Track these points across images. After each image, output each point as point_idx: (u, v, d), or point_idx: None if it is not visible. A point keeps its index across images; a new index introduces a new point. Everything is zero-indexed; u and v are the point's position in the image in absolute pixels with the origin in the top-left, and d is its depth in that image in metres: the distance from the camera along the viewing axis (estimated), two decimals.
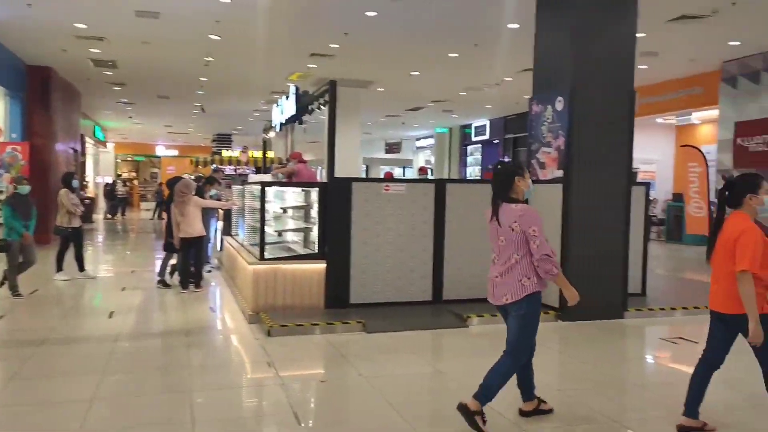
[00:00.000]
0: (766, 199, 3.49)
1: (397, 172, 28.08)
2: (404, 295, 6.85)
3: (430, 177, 21.49)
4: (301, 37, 11.48)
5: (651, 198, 17.22)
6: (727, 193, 3.53)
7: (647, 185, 8.14)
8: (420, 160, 30.72)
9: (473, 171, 25.12)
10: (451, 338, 5.94)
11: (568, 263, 6.46)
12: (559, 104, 6.59)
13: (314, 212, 6.99)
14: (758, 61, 12.10)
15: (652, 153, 17.34)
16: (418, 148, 31.28)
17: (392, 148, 31.65)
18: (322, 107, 7.80)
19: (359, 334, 5.89)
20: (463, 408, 3.55)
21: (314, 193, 6.97)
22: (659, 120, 16.67)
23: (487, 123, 23.51)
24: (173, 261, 8.54)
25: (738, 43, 11.29)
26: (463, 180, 19.57)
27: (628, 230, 6.76)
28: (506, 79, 14.80)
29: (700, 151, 15.07)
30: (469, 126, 25.08)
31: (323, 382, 4.66)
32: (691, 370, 3.69)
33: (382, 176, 30.67)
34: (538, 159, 6.99)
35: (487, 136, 23.74)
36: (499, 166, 3.80)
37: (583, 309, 6.51)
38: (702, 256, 11.93)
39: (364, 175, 32.53)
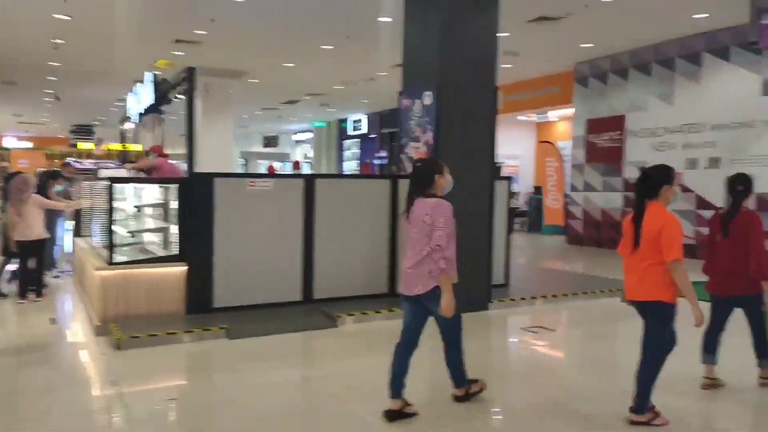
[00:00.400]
0: (678, 189, 3.68)
1: (277, 167, 27.45)
2: (273, 296, 6.56)
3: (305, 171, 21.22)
4: (164, 22, 10.72)
5: (514, 191, 18.26)
6: (642, 184, 3.62)
7: (509, 179, 8.46)
8: (298, 154, 30.27)
9: (351, 165, 25.14)
10: (320, 340, 5.76)
11: None
12: (427, 99, 6.61)
13: (174, 210, 6.49)
14: (607, 63, 13.08)
15: (516, 148, 18.29)
16: (296, 142, 30.79)
17: (270, 141, 30.89)
18: (179, 97, 7.25)
19: (222, 341, 5.53)
20: (459, 397, 3.94)
21: (174, 190, 6.47)
22: (521, 117, 17.58)
23: (364, 117, 23.60)
24: (12, 267, 7.60)
25: (590, 45, 12.11)
26: (334, 175, 19.37)
27: (492, 223, 6.95)
28: (380, 73, 14.86)
29: (555, 146, 16.13)
30: (346, 120, 25.04)
31: (172, 400, 4.23)
32: (549, 358, 3.78)
33: (264, 171, 29.93)
34: (407, 154, 6.98)
35: (364, 131, 23.83)
36: (418, 164, 3.82)
37: (458, 302, 6.70)
38: (560, 244, 12.64)
39: (242, 170, 31.60)
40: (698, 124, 11.27)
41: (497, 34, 6.83)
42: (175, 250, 6.36)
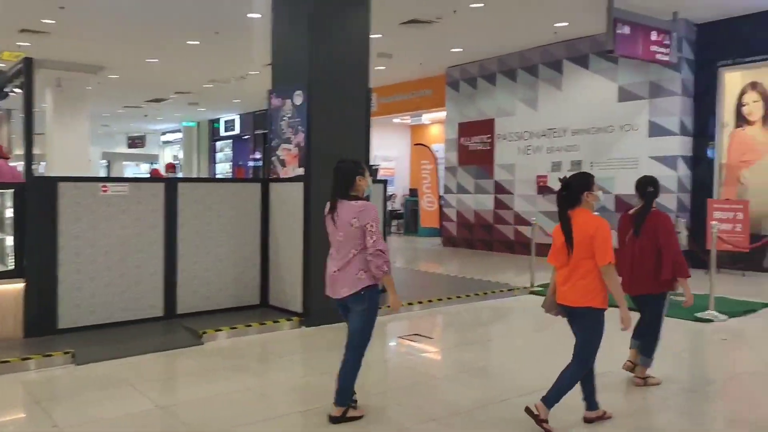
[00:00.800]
0: (600, 194, 3.77)
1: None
2: (130, 312, 5.92)
3: (179, 175, 19.93)
4: (7, 9, 9.49)
5: (391, 194, 18.42)
6: (565, 193, 3.67)
7: (385, 182, 8.37)
8: (167, 156, 28.54)
9: (224, 168, 24.11)
10: (183, 360, 5.23)
11: (311, 264, 6.23)
12: (298, 98, 6.30)
13: (9, 219, 5.65)
14: (476, 68, 13.51)
15: (391, 151, 18.48)
16: (164, 142, 29.04)
17: (135, 142, 28.86)
18: (16, 91, 6.36)
19: (66, 368, 4.84)
20: (334, 418, 3.69)
21: (9, 196, 5.63)
22: (396, 120, 17.77)
23: (237, 118, 22.73)
24: None
25: (459, 50, 12.42)
26: (198, 179, 18.22)
27: None
28: (252, 72, 14.29)
29: (429, 149, 16.46)
30: (218, 120, 23.98)
31: None
32: (430, 367, 3.64)
33: (130, 174, 27.82)
34: (278, 156, 6.62)
35: (237, 131, 22.95)
36: (340, 164, 3.76)
37: (328, 312, 6.42)
38: (435, 247, 12.80)
39: (105, 173, 29.19)
40: (560, 129, 11.93)
41: (370, 35, 6.68)
42: (10, 264, 5.54)
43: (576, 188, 3.67)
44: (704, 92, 10.45)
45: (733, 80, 10.43)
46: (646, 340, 4.47)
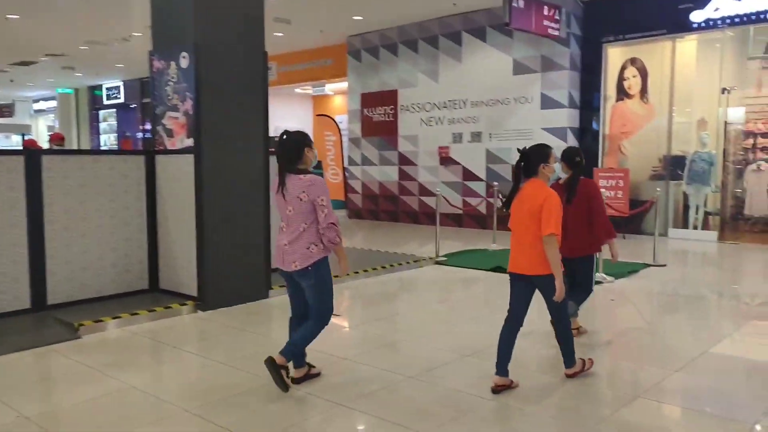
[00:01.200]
0: (556, 165, 3.90)
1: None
2: None
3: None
4: None
5: None
6: (522, 164, 3.74)
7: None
8: (41, 126, 26.00)
9: (108, 139, 22.31)
10: (55, 359, 4.56)
11: (205, 244, 5.71)
12: (184, 61, 5.66)
13: None
14: (377, 38, 13.16)
15: (293, 122, 17.77)
16: (36, 111, 26.38)
17: (2, 111, 25.98)
18: None
19: None
20: (270, 362, 3.65)
21: None
22: (298, 90, 17.12)
23: (121, 85, 21.00)
24: None
25: (360, 18, 12.00)
26: (68, 151, 16.33)
27: (269, 203, 6.32)
28: (136, 34, 13.07)
29: (333, 120, 16.01)
30: (99, 87, 22.05)
31: None
32: (339, 346, 3.34)
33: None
34: (164, 125, 5.97)
35: (121, 100, 21.23)
36: (284, 137, 3.70)
37: (225, 294, 5.96)
38: (341, 219, 12.52)
39: None
40: (460, 101, 11.92)
41: None
42: None
43: (534, 159, 3.75)
44: (590, 67, 10.83)
45: (615, 56, 10.88)
46: (579, 294, 4.72)
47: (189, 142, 5.71)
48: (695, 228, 10.14)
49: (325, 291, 3.75)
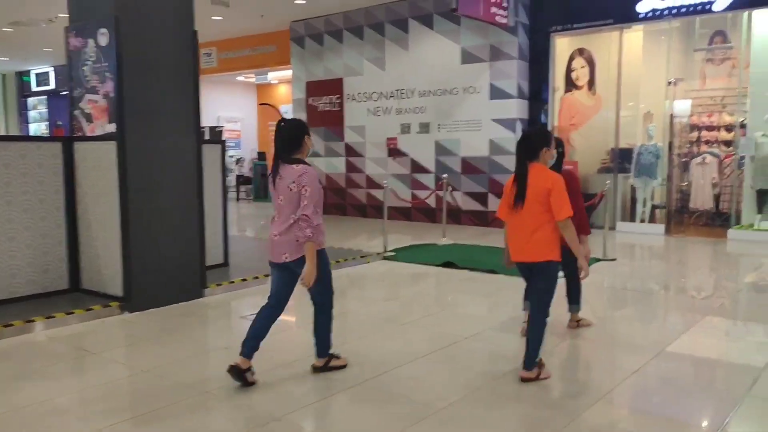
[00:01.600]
0: (554, 152, 3.85)
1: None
2: None
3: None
4: None
5: (239, 157, 17.22)
6: (525, 144, 3.68)
7: (223, 143, 7.42)
8: None
9: (39, 128, 21.04)
10: None
11: (131, 239, 5.21)
12: (103, 38, 5.11)
13: None
14: (321, 24, 12.70)
15: (237, 111, 17.19)
16: None
17: None
18: None
19: None
20: (318, 368, 3.79)
21: None
22: (240, 78, 16.50)
23: (51, 70, 19.78)
24: None
25: (303, 2, 11.52)
26: None
27: (202, 194, 5.85)
28: (63, 15, 12.18)
29: (277, 109, 15.47)
30: (27, 73, 20.74)
31: None
32: (275, 350, 2.97)
33: None
34: (83, 109, 5.41)
35: (52, 86, 20.00)
36: (282, 123, 3.65)
37: (154, 293, 5.47)
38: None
39: None
40: (408, 90, 11.61)
41: None
42: None
43: (535, 143, 3.67)
44: (538, 57, 10.67)
45: (563, 45, 10.78)
46: (571, 291, 4.84)
47: (111, 127, 5.18)
48: (642, 221, 10.16)
49: (323, 279, 3.67)
